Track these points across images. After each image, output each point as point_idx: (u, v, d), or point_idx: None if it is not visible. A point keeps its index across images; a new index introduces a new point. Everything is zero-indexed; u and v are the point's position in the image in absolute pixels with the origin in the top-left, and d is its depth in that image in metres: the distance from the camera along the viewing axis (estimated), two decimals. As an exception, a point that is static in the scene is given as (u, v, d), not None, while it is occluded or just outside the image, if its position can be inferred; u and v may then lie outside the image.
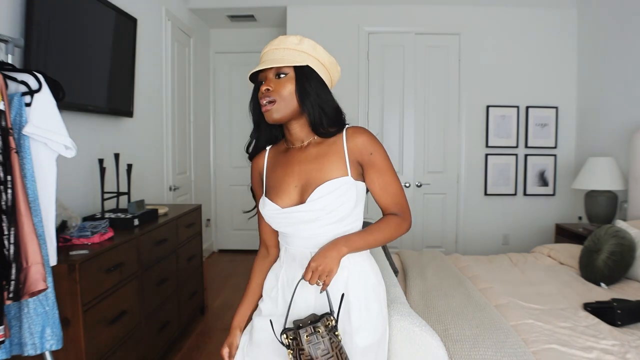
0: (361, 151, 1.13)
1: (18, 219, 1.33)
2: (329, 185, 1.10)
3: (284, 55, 1.13)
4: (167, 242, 2.55)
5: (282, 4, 4.19)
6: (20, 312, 1.44)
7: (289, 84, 1.12)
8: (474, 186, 4.27)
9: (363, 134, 1.15)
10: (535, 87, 4.18)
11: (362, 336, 1.11)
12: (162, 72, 3.61)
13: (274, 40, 1.16)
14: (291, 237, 1.18)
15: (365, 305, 1.14)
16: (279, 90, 1.11)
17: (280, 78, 1.12)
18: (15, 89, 1.44)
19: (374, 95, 4.24)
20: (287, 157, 1.20)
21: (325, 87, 1.17)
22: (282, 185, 1.17)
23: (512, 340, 1.66)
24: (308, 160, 1.16)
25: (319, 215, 1.11)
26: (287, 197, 1.15)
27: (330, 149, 1.15)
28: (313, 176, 1.13)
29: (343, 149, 1.14)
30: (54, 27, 2.11)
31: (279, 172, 1.19)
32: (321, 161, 1.14)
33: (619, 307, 1.91)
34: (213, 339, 2.90)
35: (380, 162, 1.14)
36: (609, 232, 2.55)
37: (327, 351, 1.02)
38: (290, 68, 1.12)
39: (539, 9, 4.13)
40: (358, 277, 1.15)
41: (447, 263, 2.74)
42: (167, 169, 3.72)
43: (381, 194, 1.17)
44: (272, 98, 1.11)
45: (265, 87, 1.12)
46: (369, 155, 1.13)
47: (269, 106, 1.12)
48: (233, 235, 5.14)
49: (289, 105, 1.12)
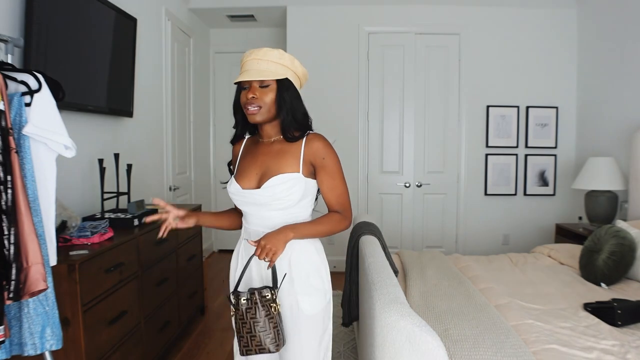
0: (315, 154, 1.36)
1: (18, 219, 1.33)
2: (281, 177, 1.33)
3: (268, 68, 1.32)
4: (167, 242, 2.55)
5: (282, 4, 4.19)
6: (20, 312, 1.44)
7: (271, 93, 1.33)
8: (474, 186, 4.27)
9: (319, 141, 1.37)
10: (535, 87, 4.18)
11: (307, 305, 1.36)
12: (162, 72, 3.61)
13: (258, 51, 1.34)
14: (249, 216, 1.42)
15: (306, 280, 1.37)
16: (263, 98, 1.32)
17: (264, 88, 1.33)
18: (15, 88, 1.44)
19: (374, 95, 4.24)
20: (257, 148, 1.43)
21: (298, 96, 1.39)
22: (246, 170, 1.41)
23: (512, 341, 1.66)
24: (271, 154, 1.38)
25: (268, 201, 1.34)
26: (248, 181, 1.39)
27: (290, 148, 1.37)
28: (271, 168, 1.36)
29: (300, 150, 1.36)
30: (54, 27, 2.11)
31: (247, 159, 1.43)
32: (280, 157, 1.36)
33: (619, 307, 1.91)
34: (213, 339, 2.90)
35: (331, 166, 1.37)
36: (609, 232, 2.55)
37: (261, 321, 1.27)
38: (273, 80, 1.33)
39: (539, 9, 4.13)
40: (301, 257, 1.37)
41: (447, 263, 2.74)
42: (167, 169, 3.72)
43: (328, 193, 1.39)
44: (256, 105, 1.32)
45: (252, 95, 1.32)
46: (322, 159, 1.36)
47: (254, 110, 1.33)
48: (233, 235, 5.10)
49: (269, 110, 1.34)
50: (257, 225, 1.40)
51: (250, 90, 1.33)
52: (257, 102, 1.32)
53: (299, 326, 1.37)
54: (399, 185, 4.27)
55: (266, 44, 4.90)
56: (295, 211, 1.38)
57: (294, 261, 1.37)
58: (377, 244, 2.18)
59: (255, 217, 1.41)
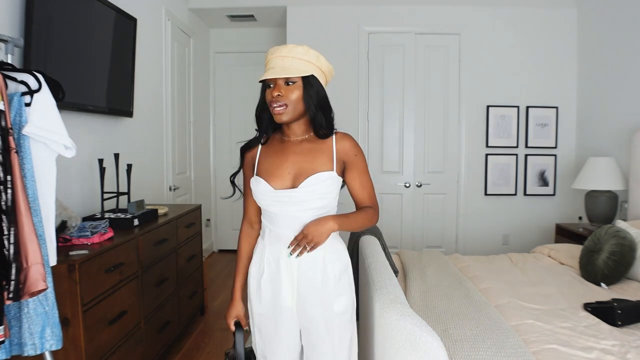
0: (347, 153, 1.36)
1: (18, 219, 1.33)
2: (319, 176, 1.31)
3: (293, 64, 1.28)
4: (167, 242, 2.55)
5: (282, 3, 4.18)
6: (20, 312, 1.44)
7: (297, 91, 1.29)
8: (474, 186, 4.27)
9: (350, 139, 1.38)
10: (535, 87, 4.17)
11: (338, 303, 1.35)
12: (162, 72, 3.61)
13: (283, 48, 1.30)
14: (276, 218, 1.35)
15: (339, 278, 1.37)
16: (289, 96, 1.29)
17: (290, 85, 1.29)
18: (15, 88, 1.44)
19: (374, 95, 4.24)
20: (283, 147, 1.38)
21: (324, 93, 1.35)
22: (276, 170, 1.35)
23: (512, 341, 1.66)
24: (302, 153, 1.35)
25: (307, 199, 1.31)
26: (281, 180, 1.34)
27: (322, 147, 1.36)
28: (305, 167, 1.33)
29: (332, 149, 1.35)
30: (54, 27, 2.11)
31: (274, 159, 1.37)
32: (313, 156, 1.34)
33: (619, 307, 1.91)
34: (213, 339, 2.90)
35: (361, 164, 1.38)
36: (609, 232, 2.55)
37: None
38: (299, 77, 1.29)
39: (539, 9, 4.13)
40: (332, 255, 1.36)
41: (447, 263, 2.74)
42: (167, 169, 3.72)
43: (361, 191, 1.40)
44: (282, 103, 1.29)
45: (277, 93, 1.28)
46: (354, 157, 1.37)
47: (280, 110, 1.29)
48: (233, 235, 5.14)
49: (296, 108, 1.31)
50: (286, 226, 1.34)
51: (275, 88, 1.29)
52: (282, 99, 1.28)
53: (331, 327, 1.35)
54: (399, 185, 4.27)
55: (266, 44, 4.91)
56: (328, 210, 1.36)
57: (327, 260, 1.35)
58: (377, 244, 2.18)
59: (285, 218, 1.34)
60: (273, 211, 1.35)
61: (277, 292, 1.36)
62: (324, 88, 1.36)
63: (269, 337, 1.41)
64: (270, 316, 1.38)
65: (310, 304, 1.34)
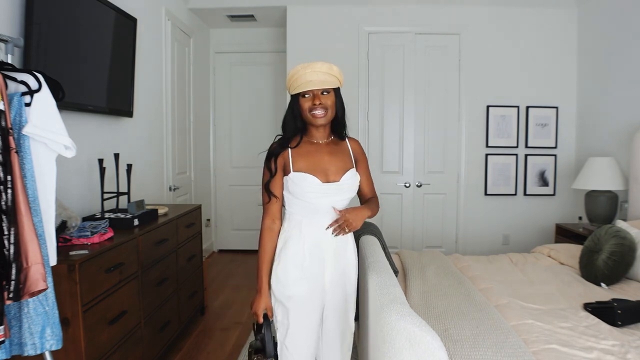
0: (358, 152, 1.73)
1: (18, 219, 1.33)
2: (352, 171, 1.63)
3: (327, 78, 1.55)
4: (167, 242, 2.55)
5: (282, 3, 4.18)
6: (20, 312, 1.44)
7: (331, 99, 1.58)
8: (474, 186, 4.27)
9: (357, 142, 1.75)
10: (535, 87, 4.17)
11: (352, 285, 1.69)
12: (162, 72, 3.61)
13: (314, 65, 1.54)
14: (316, 208, 1.57)
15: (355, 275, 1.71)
16: (327, 103, 1.57)
17: (325, 95, 1.57)
18: (15, 88, 1.44)
19: (374, 95, 4.24)
20: (316, 148, 1.62)
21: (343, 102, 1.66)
22: (317, 167, 1.59)
23: (512, 341, 1.66)
24: (332, 153, 1.63)
25: (346, 190, 1.59)
26: (323, 175, 1.58)
27: (342, 149, 1.68)
28: (338, 165, 1.62)
29: (349, 150, 1.69)
30: (54, 27, 2.11)
31: (310, 158, 1.60)
32: (340, 156, 1.65)
33: (619, 307, 1.91)
34: (213, 339, 2.90)
35: (366, 161, 1.76)
36: (609, 232, 2.55)
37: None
38: (331, 88, 1.57)
39: (539, 9, 4.13)
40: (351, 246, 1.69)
41: (447, 263, 2.74)
42: (167, 169, 3.72)
43: (366, 182, 1.74)
44: (323, 108, 1.56)
45: (319, 102, 1.55)
46: (362, 155, 1.74)
47: (322, 114, 1.56)
48: (233, 235, 5.14)
49: (332, 113, 1.60)
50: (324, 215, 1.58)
51: (316, 97, 1.55)
52: (322, 106, 1.55)
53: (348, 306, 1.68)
54: (399, 185, 4.27)
55: (266, 44, 4.92)
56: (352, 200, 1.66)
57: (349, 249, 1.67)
58: (377, 244, 2.18)
59: (326, 208, 1.58)
60: (315, 202, 1.56)
61: (322, 275, 1.59)
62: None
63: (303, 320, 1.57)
64: (308, 299, 1.57)
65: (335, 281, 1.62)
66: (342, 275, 1.64)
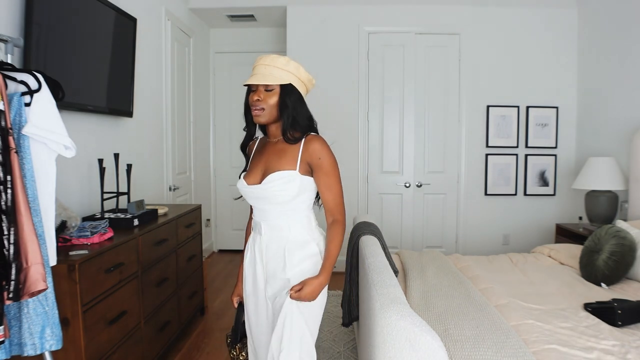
0: (311, 155, 1.46)
1: (18, 219, 1.33)
2: (279, 174, 1.45)
3: (273, 73, 1.44)
4: (167, 242, 2.55)
5: (282, 3, 4.18)
6: (20, 312, 1.44)
7: (274, 97, 1.45)
8: (474, 186, 4.27)
9: (316, 142, 1.47)
10: (535, 87, 4.17)
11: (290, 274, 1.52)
12: (162, 72, 3.61)
13: (267, 57, 1.46)
14: (255, 210, 1.58)
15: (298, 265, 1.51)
16: (267, 101, 1.45)
17: (269, 92, 1.45)
18: (15, 88, 1.44)
19: (374, 95, 4.24)
20: (264, 148, 1.57)
21: (302, 101, 1.50)
22: (253, 168, 1.55)
23: (513, 341, 1.66)
24: (273, 153, 1.51)
25: (267, 195, 1.47)
26: (254, 177, 1.52)
27: (290, 148, 1.49)
28: (271, 165, 1.49)
29: (299, 150, 1.48)
30: (54, 27, 2.11)
31: (256, 158, 1.57)
32: (281, 155, 1.49)
33: (619, 308, 1.91)
34: (213, 339, 2.90)
35: (327, 166, 1.47)
36: (609, 232, 2.54)
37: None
38: (277, 85, 1.44)
39: (539, 9, 4.13)
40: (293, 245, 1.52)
41: (447, 263, 2.74)
42: (167, 169, 3.72)
43: (325, 192, 1.50)
44: (261, 106, 1.45)
45: (256, 98, 1.45)
46: (318, 159, 1.46)
47: (258, 112, 1.46)
48: (233, 235, 5.14)
49: (272, 113, 1.47)
50: (260, 217, 1.56)
51: (256, 93, 1.45)
52: (261, 104, 1.45)
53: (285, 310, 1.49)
54: (399, 185, 4.27)
55: (266, 44, 4.91)
56: (293, 206, 1.51)
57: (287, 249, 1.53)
58: (377, 244, 2.18)
59: (258, 211, 1.56)
60: (251, 204, 1.58)
61: (253, 273, 1.58)
62: (303, 96, 1.51)
63: (252, 316, 1.62)
64: (252, 296, 1.60)
65: (275, 286, 1.53)
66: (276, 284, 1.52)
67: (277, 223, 1.52)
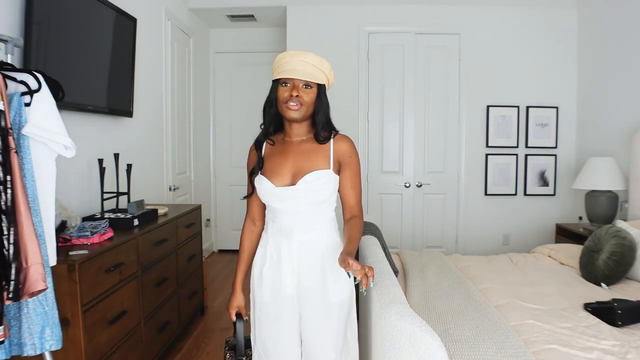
0: (343, 153, 1.47)
1: (18, 219, 1.33)
2: (316, 174, 1.42)
3: (314, 71, 1.41)
4: (167, 242, 2.55)
5: (282, 3, 4.18)
6: (19, 312, 1.44)
7: (311, 95, 1.42)
8: (474, 186, 4.26)
9: (347, 141, 1.49)
10: (535, 87, 4.17)
11: (336, 293, 1.44)
12: (162, 72, 3.61)
13: (305, 54, 1.41)
14: (278, 212, 1.48)
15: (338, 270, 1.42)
16: (305, 98, 1.41)
17: (307, 88, 1.42)
18: (15, 88, 1.44)
19: (374, 95, 4.23)
20: (286, 148, 1.49)
21: (328, 102, 1.48)
22: (278, 168, 1.46)
23: (513, 341, 1.66)
24: (302, 153, 1.46)
25: (304, 195, 1.42)
26: (281, 179, 1.45)
27: (320, 148, 1.47)
28: (304, 165, 1.44)
29: (330, 149, 1.46)
30: (54, 27, 2.11)
31: (276, 158, 1.48)
32: (312, 156, 1.45)
33: (619, 308, 1.90)
34: (213, 339, 2.90)
35: (355, 165, 1.49)
36: (609, 232, 2.54)
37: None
38: (315, 83, 1.43)
39: (539, 9, 4.13)
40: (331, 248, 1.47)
41: (447, 263, 2.74)
42: (167, 169, 3.72)
43: (350, 191, 1.49)
44: (299, 102, 1.40)
45: (296, 93, 1.40)
46: (349, 158, 1.47)
47: (296, 107, 1.40)
48: (233, 235, 5.13)
49: (308, 110, 1.43)
50: (287, 219, 1.47)
51: (294, 88, 1.40)
52: (299, 100, 1.40)
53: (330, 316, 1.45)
54: (399, 185, 4.26)
55: (266, 44, 4.91)
56: (325, 206, 1.48)
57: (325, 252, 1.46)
58: (377, 244, 2.18)
59: (287, 213, 1.47)
60: (276, 207, 1.48)
61: (279, 281, 1.47)
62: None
63: (270, 326, 1.50)
64: (272, 305, 1.49)
65: (310, 293, 1.45)
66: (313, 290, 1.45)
67: (311, 225, 1.46)
